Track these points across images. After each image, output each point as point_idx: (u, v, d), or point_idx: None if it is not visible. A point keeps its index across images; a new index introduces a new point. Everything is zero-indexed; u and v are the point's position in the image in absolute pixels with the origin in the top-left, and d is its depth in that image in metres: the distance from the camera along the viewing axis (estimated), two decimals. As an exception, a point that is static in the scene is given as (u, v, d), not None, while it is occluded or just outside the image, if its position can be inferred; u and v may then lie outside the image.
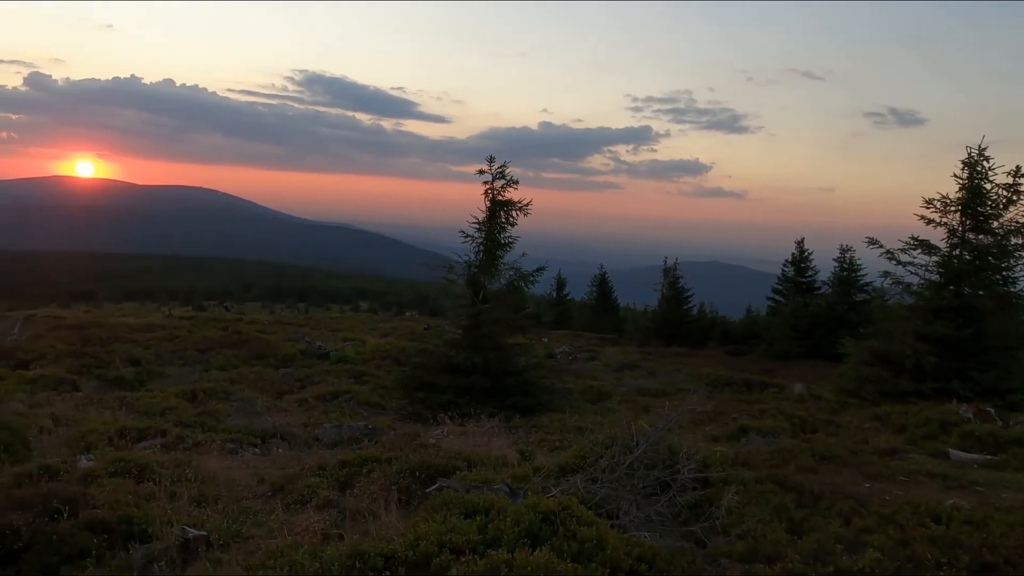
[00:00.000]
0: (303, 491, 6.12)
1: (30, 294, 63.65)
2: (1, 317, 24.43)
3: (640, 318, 44.74)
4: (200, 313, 35.60)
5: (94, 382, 14.22)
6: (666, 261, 38.49)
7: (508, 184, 14.47)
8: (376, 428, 10.08)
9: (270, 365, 18.13)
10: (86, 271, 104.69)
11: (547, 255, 21.80)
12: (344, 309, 70.39)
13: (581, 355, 27.14)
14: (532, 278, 14.99)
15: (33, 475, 6.37)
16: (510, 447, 8.53)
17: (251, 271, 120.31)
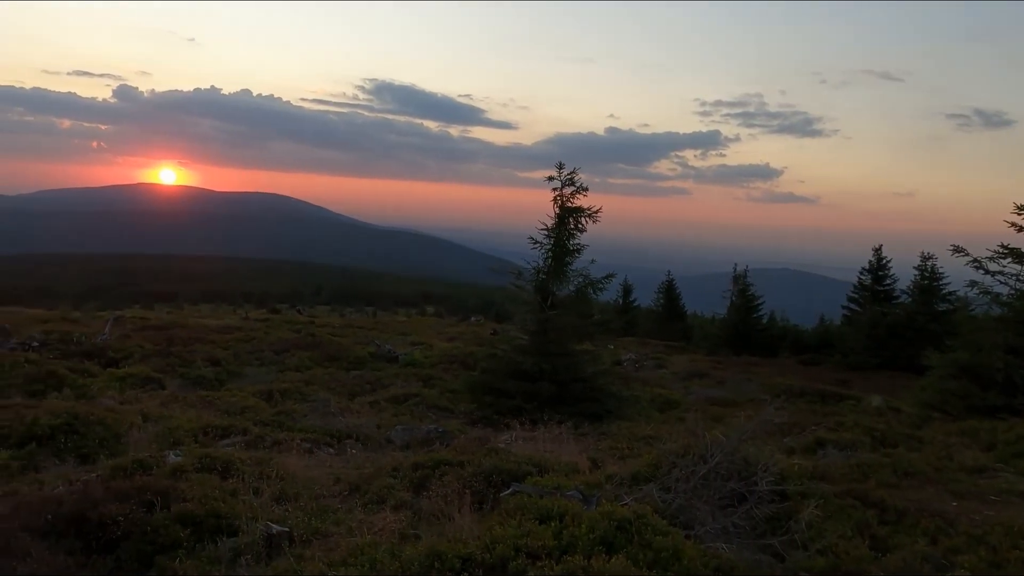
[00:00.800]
0: (379, 491, 6.27)
1: (117, 295, 66.91)
2: (93, 317, 25.74)
3: (708, 326, 43.95)
4: (274, 315, 36.71)
5: (178, 381, 14.83)
6: (736, 268, 37.75)
7: (577, 191, 14.48)
8: (446, 431, 10.21)
9: (342, 367, 18.56)
10: (167, 273, 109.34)
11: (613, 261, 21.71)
12: (411, 313, 71.42)
13: (648, 362, 26.85)
14: (601, 285, 14.95)
15: (127, 468, 6.71)
16: (579, 454, 8.53)
17: (321, 275, 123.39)
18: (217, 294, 78.36)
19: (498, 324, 39.68)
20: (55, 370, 13.14)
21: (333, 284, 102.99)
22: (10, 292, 50.02)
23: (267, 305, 55.18)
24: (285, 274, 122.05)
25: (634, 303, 48.13)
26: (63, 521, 4.70)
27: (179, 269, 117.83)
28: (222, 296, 75.33)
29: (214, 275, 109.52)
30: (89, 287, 77.50)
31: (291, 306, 53.91)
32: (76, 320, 24.26)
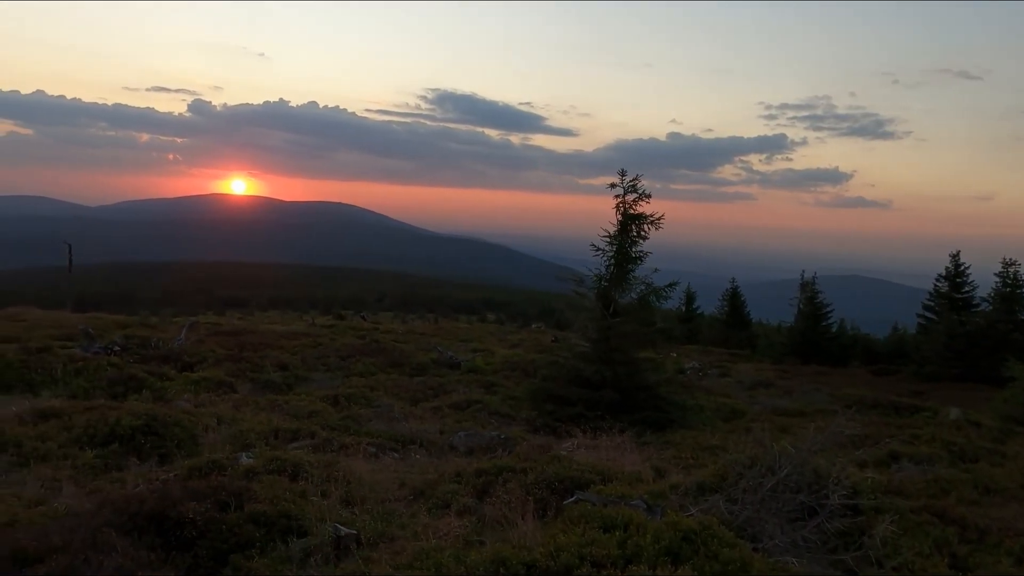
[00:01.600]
0: (443, 496, 6.34)
1: (192, 301, 69.45)
2: (169, 323, 26.80)
3: (774, 334, 42.91)
4: (340, 321, 37.48)
5: (249, 385, 15.30)
6: (803, 274, 36.81)
7: (640, 197, 14.37)
8: (508, 438, 10.26)
9: (405, 373, 18.83)
10: (238, 280, 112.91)
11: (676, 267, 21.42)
12: (472, 319, 71.92)
13: (712, 371, 26.38)
14: (664, 293, 14.79)
15: (202, 469, 6.97)
16: (642, 463, 8.44)
17: (384, 282, 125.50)
18: (285, 300, 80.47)
19: (559, 331, 39.60)
20: (135, 373, 13.73)
21: (396, 291, 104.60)
22: (94, 298, 52.49)
23: (332, 311, 56.38)
24: (350, 281, 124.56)
25: (697, 311, 47.40)
26: (145, 518, 4.91)
27: (249, 276, 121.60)
28: (290, 302, 77.33)
29: (282, 282, 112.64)
30: (166, 294, 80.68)
31: (356, 312, 54.95)
32: (154, 325, 25.32)
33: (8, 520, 5.31)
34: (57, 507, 5.83)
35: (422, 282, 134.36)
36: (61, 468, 7.45)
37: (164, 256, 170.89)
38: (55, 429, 8.61)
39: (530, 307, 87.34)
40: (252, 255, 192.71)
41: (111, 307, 41.16)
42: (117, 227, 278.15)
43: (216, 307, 65.19)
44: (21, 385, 12.71)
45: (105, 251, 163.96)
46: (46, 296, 43.53)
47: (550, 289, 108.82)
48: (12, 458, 7.55)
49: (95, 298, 54.12)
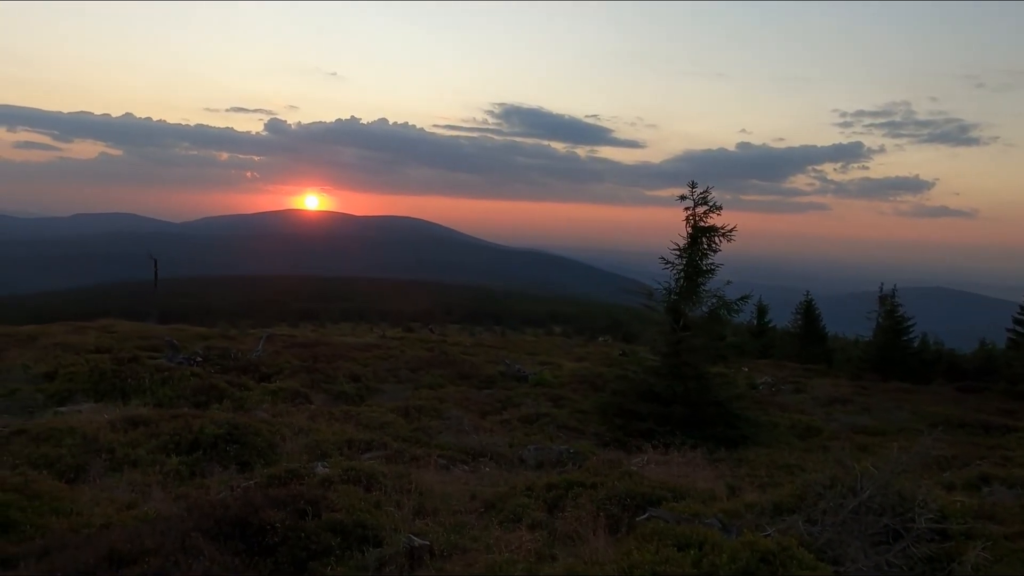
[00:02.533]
0: (514, 510, 6.36)
1: (267, 314, 71.78)
2: (247, 335, 27.75)
3: (852, 348, 41.38)
4: (409, 334, 38.09)
5: (323, 395, 15.68)
6: (882, 287, 35.43)
7: (711, 209, 14.17)
8: (578, 452, 10.22)
9: (473, 385, 18.97)
10: (311, 293, 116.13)
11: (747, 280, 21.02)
12: (539, 332, 71.98)
13: (785, 387, 25.63)
14: (735, 306, 14.52)
15: (281, 477, 7.18)
16: (715, 480, 8.29)
17: (452, 294, 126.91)
18: (356, 313, 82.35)
19: (626, 345, 39.22)
20: (216, 383, 14.27)
21: (463, 303, 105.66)
22: (177, 311, 54.84)
23: (402, 324, 57.37)
24: (418, 294, 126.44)
25: (770, 324, 46.17)
26: (229, 524, 5.10)
27: (321, 289, 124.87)
28: (360, 315, 79.08)
29: (352, 295, 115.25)
30: (243, 306, 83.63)
31: (424, 325, 55.73)
32: (233, 337, 26.25)
33: (104, 522, 5.60)
34: (148, 511, 6.10)
35: (489, 295, 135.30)
36: (150, 473, 7.80)
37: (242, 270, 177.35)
38: (144, 436, 9.02)
39: (596, 320, 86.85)
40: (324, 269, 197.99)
41: (193, 319, 42.91)
42: (199, 242, 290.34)
43: (290, 319, 67.22)
44: (113, 393, 13.36)
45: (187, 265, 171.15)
46: (133, 308, 45.73)
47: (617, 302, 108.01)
48: (106, 463, 7.95)
49: (178, 310, 56.50)
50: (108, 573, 4.33)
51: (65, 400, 13.02)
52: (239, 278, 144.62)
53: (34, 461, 7.53)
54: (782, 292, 67.33)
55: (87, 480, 7.37)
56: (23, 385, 13.94)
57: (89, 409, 11.49)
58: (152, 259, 35.58)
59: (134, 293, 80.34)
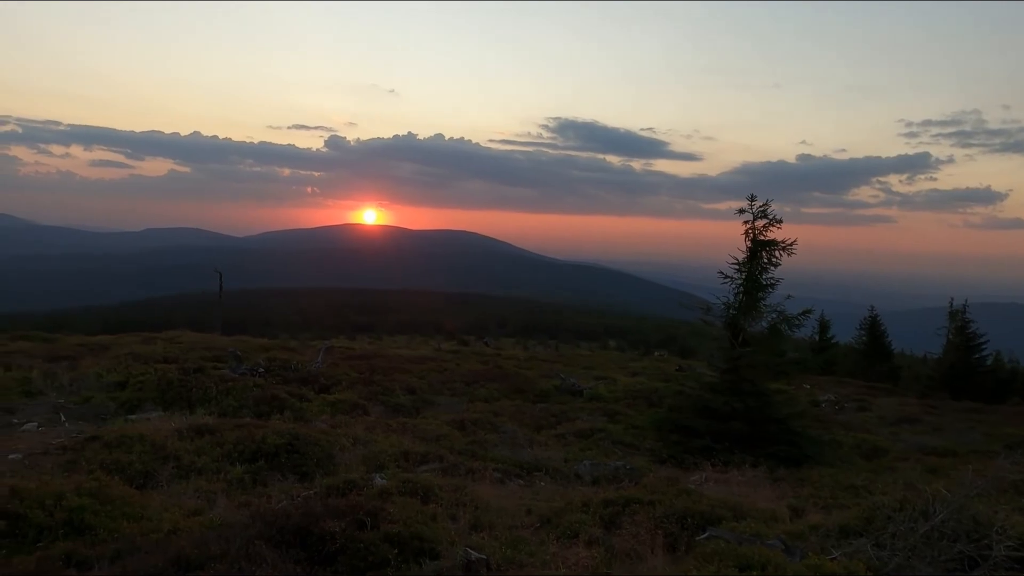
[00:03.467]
0: (570, 525, 6.32)
1: (326, 326, 73.20)
2: (306, 346, 28.34)
3: (919, 366, 39.94)
4: (464, 347, 38.33)
5: (380, 407, 15.87)
6: (952, 302, 34.11)
7: (771, 223, 13.90)
8: (634, 468, 10.10)
9: (528, 399, 18.95)
10: (368, 306, 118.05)
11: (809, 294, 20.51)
12: (593, 346, 71.55)
13: (849, 405, 24.86)
14: (796, 321, 14.17)
15: (340, 488, 7.30)
16: (776, 500, 8.08)
17: (506, 308, 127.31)
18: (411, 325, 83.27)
19: (683, 359, 38.65)
20: (277, 394, 14.58)
21: (517, 317, 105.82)
22: (239, 322, 56.41)
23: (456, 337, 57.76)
24: (472, 307, 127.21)
25: (832, 340, 44.90)
26: (291, 533, 5.20)
27: (378, 302, 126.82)
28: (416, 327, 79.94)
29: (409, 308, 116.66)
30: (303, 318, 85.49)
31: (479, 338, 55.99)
32: (293, 348, 26.83)
33: (172, 527, 5.78)
34: (213, 518, 6.27)
35: (543, 308, 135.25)
36: (214, 481, 8.01)
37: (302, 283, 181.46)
38: (209, 444, 9.27)
39: (652, 334, 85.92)
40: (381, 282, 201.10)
41: (254, 331, 44.08)
42: (261, 256, 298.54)
43: (348, 331, 68.39)
44: (180, 402, 13.79)
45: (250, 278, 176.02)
46: (199, 320, 47.22)
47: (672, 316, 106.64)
48: (173, 470, 8.20)
49: (241, 322, 58.11)
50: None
51: (135, 408, 13.49)
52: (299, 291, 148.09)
53: (107, 466, 7.81)
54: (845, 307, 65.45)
55: (156, 486, 7.61)
56: (97, 393, 14.52)
57: (157, 417, 11.88)
58: (217, 272, 36.70)
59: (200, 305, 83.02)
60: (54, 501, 5.80)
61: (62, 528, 5.64)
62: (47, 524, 5.61)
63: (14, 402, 13.49)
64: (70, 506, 5.80)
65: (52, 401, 13.87)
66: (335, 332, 61.53)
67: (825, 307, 44.38)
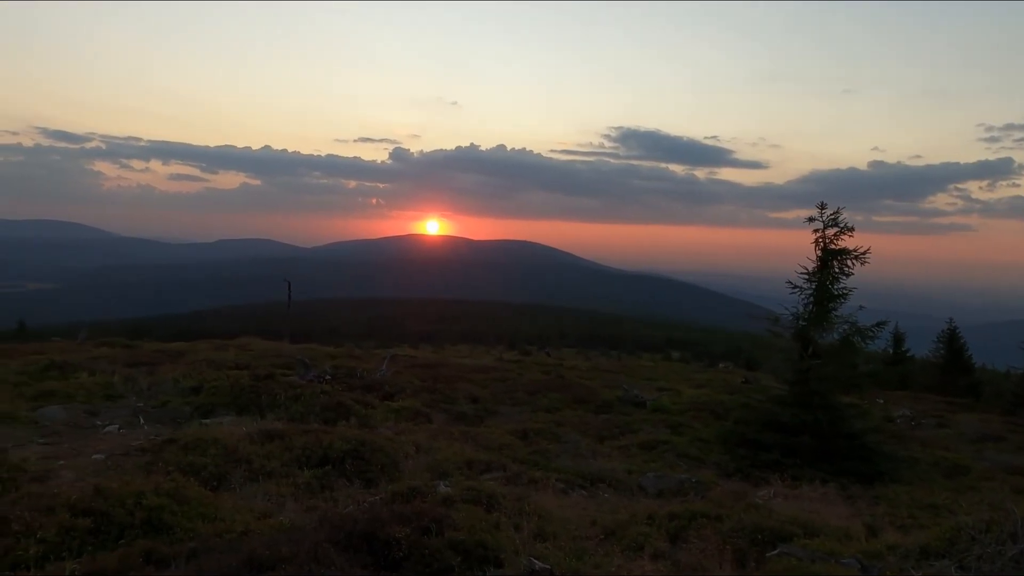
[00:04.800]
0: (635, 538, 6.23)
1: (390, 334, 74.37)
2: (371, 355, 28.83)
3: (1003, 381, 37.94)
4: (525, 357, 38.35)
5: (443, 415, 16.01)
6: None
7: (842, 231, 13.48)
8: (699, 482, 9.90)
9: (590, 410, 18.81)
10: (430, 316, 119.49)
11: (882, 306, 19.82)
12: (656, 357, 70.62)
13: (926, 421, 23.82)
14: (870, 333, 13.67)
15: (404, 494, 7.37)
16: (850, 518, 7.80)
17: (567, 318, 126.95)
18: (473, 335, 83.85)
19: (749, 372, 37.77)
20: (343, 401, 14.86)
21: (578, 327, 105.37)
22: (307, 330, 57.84)
23: (518, 347, 57.85)
24: (534, 317, 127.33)
25: (907, 353, 43.13)
26: (358, 537, 5.28)
27: (441, 311, 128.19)
28: (477, 337, 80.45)
29: (470, 317, 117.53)
30: (367, 327, 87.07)
31: (540, 348, 55.95)
32: (358, 356, 27.33)
33: (244, 529, 5.94)
34: (282, 521, 6.42)
35: (604, 319, 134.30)
36: (283, 485, 8.20)
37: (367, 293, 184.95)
38: (278, 449, 9.51)
39: (716, 345, 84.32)
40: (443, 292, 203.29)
41: (321, 339, 45.07)
42: (328, 266, 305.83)
43: (411, 340, 69.27)
44: (251, 407, 14.20)
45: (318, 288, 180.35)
46: (269, 328, 48.60)
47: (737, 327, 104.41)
48: (245, 473, 8.43)
49: (308, 330, 59.55)
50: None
51: (209, 413, 13.96)
52: (364, 300, 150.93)
53: (183, 468, 8.09)
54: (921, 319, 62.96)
55: (228, 488, 7.84)
56: (173, 397, 15.10)
57: (230, 422, 12.27)
58: (286, 282, 37.70)
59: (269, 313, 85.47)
60: (135, 500, 6.03)
61: (141, 527, 5.86)
62: (128, 522, 5.84)
63: (97, 405, 14.15)
64: (149, 505, 6.03)
65: (132, 404, 14.49)
66: (398, 341, 62.43)
67: (900, 319, 42.75)
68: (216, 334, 37.22)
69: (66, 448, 9.81)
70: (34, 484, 7.16)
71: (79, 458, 8.97)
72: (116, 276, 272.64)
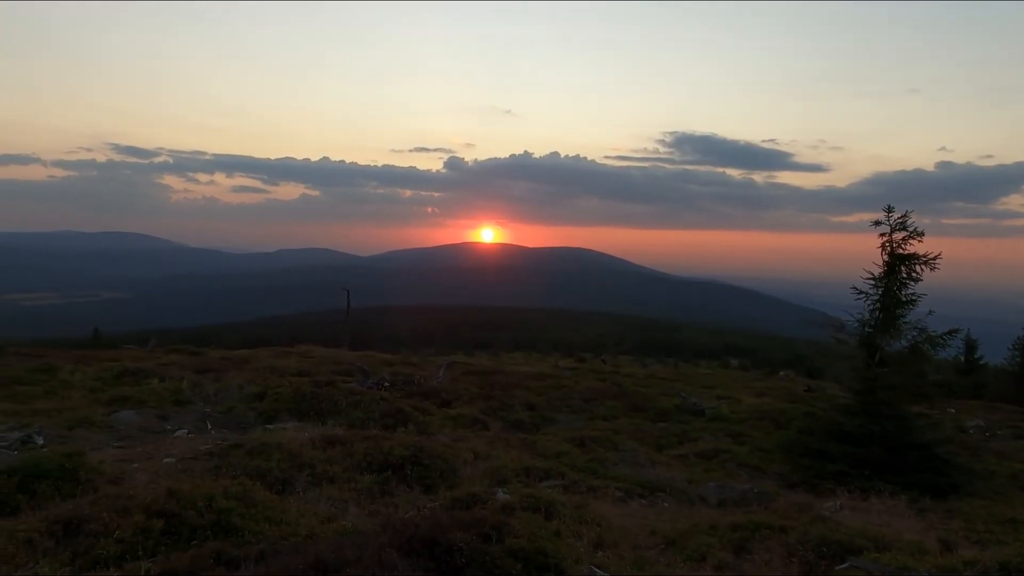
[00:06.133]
0: (697, 548, 6.14)
1: (446, 342, 75.04)
2: (428, 362, 29.13)
3: (1086, 391, 36.03)
4: (581, 364, 38.14)
5: (499, 422, 16.07)
6: None
7: (910, 235, 13.05)
8: (762, 492, 9.69)
9: (647, 418, 18.61)
10: (485, 323, 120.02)
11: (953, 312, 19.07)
12: (713, 365, 69.40)
13: (1003, 431, 22.78)
14: (941, 341, 13.17)
15: (463, 501, 7.43)
16: (923, 532, 7.52)
17: (622, 325, 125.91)
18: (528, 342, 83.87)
19: (811, 380, 36.79)
20: (402, 407, 15.06)
21: (633, 335, 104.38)
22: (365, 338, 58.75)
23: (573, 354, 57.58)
24: (589, 324, 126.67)
25: (981, 361, 41.36)
26: (419, 542, 5.34)
27: (495, 319, 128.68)
28: (532, 344, 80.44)
29: (525, 325, 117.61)
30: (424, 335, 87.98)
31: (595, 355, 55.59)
32: (415, 364, 27.65)
33: (308, 532, 6.07)
34: (345, 525, 6.54)
35: (660, 326, 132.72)
36: (345, 490, 8.36)
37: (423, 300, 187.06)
38: (340, 454, 9.69)
39: (776, 353, 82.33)
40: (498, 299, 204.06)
41: (379, 346, 45.75)
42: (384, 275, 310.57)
43: (466, 348, 69.70)
44: (312, 413, 14.51)
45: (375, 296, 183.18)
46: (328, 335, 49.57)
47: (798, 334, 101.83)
48: (308, 478, 8.62)
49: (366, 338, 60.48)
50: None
51: (272, 418, 14.32)
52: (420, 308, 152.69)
53: (249, 472, 8.32)
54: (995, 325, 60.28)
55: (293, 492, 8.03)
56: (238, 403, 15.54)
57: (292, 427, 12.55)
58: (345, 290, 38.43)
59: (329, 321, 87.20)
60: (205, 503, 6.23)
61: (211, 528, 6.05)
62: (199, 524, 6.03)
63: (167, 410, 14.66)
64: (219, 508, 6.22)
65: (199, 410, 14.96)
66: (454, 348, 62.87)
67: (972, 325, 41.04)
68: (278, 341, 38.17)
69: (139, 451, 10.20)
70: (110, 486, 7.47)
71: (151, 461, 9.31)
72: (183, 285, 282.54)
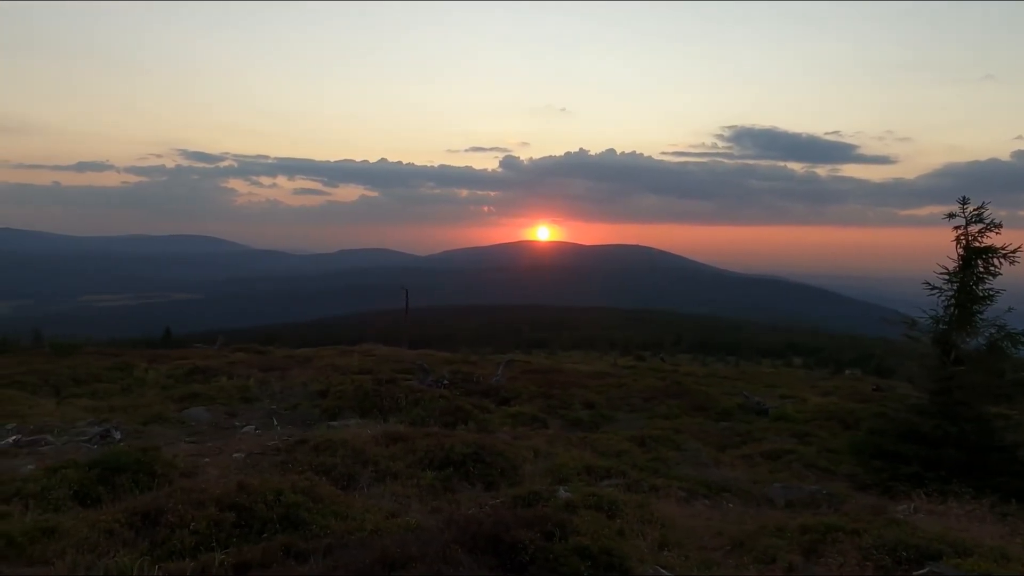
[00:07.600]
0: (765, 550, 5.99)
1: (504, 341, 75.30)
2: (486, 360, 29.29)
3: None
4: (640, 363, 37.81)
5: (558, 421, 16.04)
6: None
7: (987, 228, 12.47)
8: (832, 494, 9.41)
9: (709, 417, 18.33)
10: (542, 322, 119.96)
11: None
12: (776, 364, 67.81)
13: (1090, 434, 21.63)
14: (1022, 338, 12.54)
15: (526, 498, 7.42)
16: (1006, 538, 7.17)
17: (682, 323, 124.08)
18: (586, 341, 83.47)
19: (880, 379, 35.63)
20: (462, 405, 15.18)
21: (692, 333, 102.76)
22: (424, 337, 59.45)
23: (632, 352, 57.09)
24: (646, 322, 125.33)
25: (1064, 360, 39.30)
26: (483, 539, 5.35)
27: (553, 317, 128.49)
28: (590, 343, 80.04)
29: (583, 323, 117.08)
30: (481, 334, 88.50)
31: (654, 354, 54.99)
32: (474, 362, 27.84)
33: (374, 528, 6.16)
34: (409, 521, 6.61)
35: (721, 324, 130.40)
36: (408, 486, 8.46)
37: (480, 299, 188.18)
38: (402, 451, 9.82)
39: (842, 351, 79.93)
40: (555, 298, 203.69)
41: (438, 345, 46.22)
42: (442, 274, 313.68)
43: (524, 346, 69.81)
44: (374, 411, 14.76)
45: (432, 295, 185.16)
46: (388, 334, 50.32)
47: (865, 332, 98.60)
48: (372, 474, 8.76)
49: (425, 337, 61.18)
50: (382, 574, 4.75)
51: (335, 415, 14.61)
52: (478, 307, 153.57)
53: (315, 468, 8.50)
54: (1080, 322, 57.13)
55: (357, 488, 8.17)
56: (302, 400, 15.91)
57: (355, 424, 12.79)
58: (404, 290, 38.94)
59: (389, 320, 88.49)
60: (274, 497, 6.39)
61: (280, 522, 6.20)
62: (268, 517, 6.19)
63: (235, 407, 15.11)
64: (287, 502, 6.37)
65: (266, 407, 15.38)
66: (512, 347, 63.05)
67: (1055, 322, 38.95)
68: (340, 341, 38.91)
69: (209, 447, 10.54)
70: (184, 480, 7.74)
71: (221, 456, 9.61)
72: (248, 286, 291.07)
